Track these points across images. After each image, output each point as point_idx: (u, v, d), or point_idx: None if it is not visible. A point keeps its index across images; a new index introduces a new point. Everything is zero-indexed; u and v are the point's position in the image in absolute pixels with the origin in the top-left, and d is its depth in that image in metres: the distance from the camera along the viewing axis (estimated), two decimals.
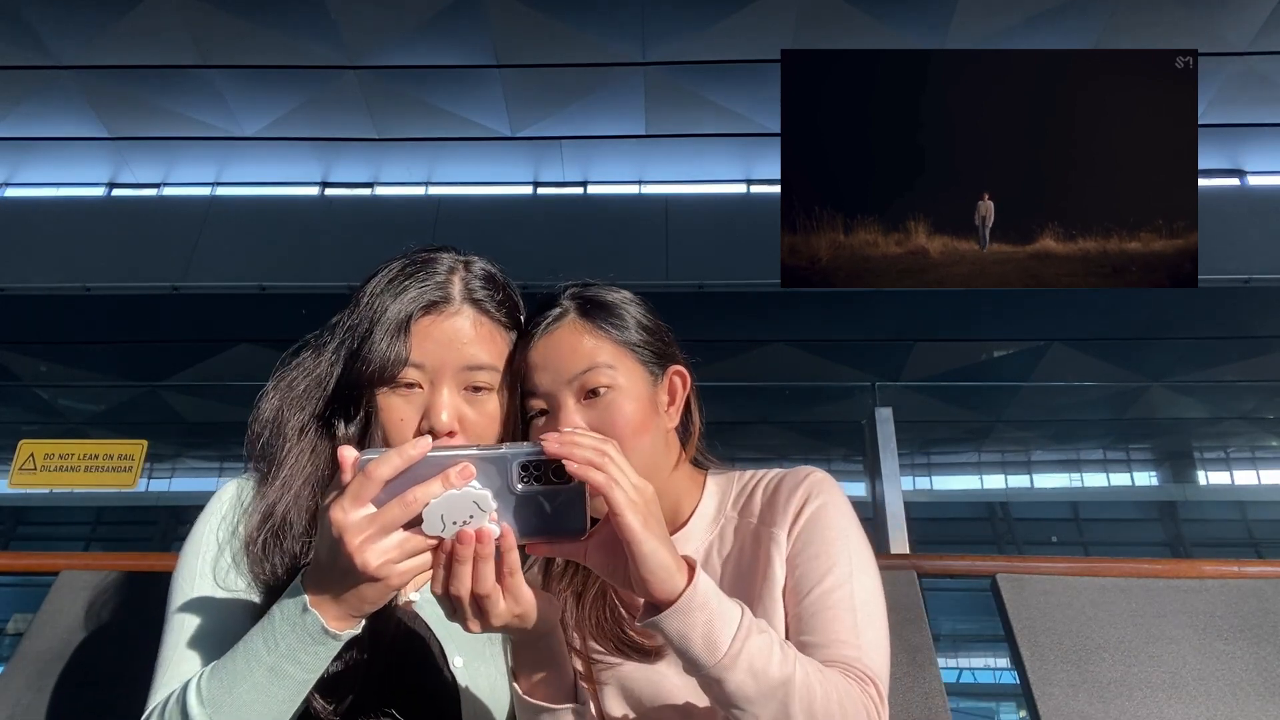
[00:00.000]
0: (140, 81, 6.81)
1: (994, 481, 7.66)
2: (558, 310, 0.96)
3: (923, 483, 7.12)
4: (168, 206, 8.10)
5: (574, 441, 0.68)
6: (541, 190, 8.32)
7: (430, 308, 0.92)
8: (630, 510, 0.68)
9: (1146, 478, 7.98)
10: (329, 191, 8.32)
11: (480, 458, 0.67)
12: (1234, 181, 7.98)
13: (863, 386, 6.02)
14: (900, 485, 3.44)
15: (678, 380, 0.99)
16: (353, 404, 0.92)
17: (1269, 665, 1.28)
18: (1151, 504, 7.44)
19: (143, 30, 6.26)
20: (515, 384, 0.94)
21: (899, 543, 3.24)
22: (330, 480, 0.90)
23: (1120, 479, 7.67)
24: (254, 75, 6.76)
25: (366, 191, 8.35)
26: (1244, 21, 6.11)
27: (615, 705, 0.94)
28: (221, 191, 8.28)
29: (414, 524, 0.66)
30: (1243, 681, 1.27)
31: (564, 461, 0.67)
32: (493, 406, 0.93)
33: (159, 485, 6.83)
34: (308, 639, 0.70)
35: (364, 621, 0.72)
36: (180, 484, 7.14)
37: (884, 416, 3.66)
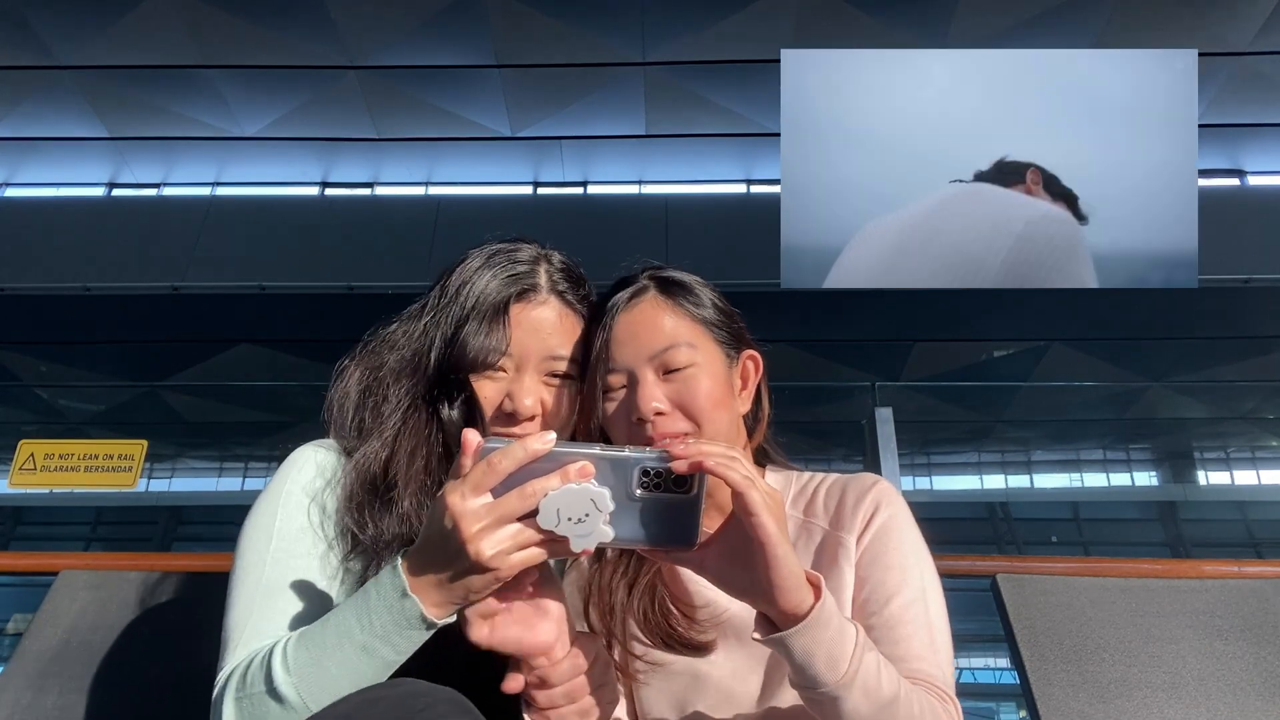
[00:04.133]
0: (140, 81, 6.81)
1: (994, 481, 7.67)
2: (638, 286, 0.98)
3: (923, 483, 7.12)
4: (168, 206, 8.10)
5: (703, 451, 0.67)
6: (541, 190, 8.32)
7: (520, 295, 0.96)
8: (766, 512, 0.67)
9: (1146, 478, 7.99)
10: (329, 191, 8.33)
11: (602, 458, 0.67)
12: (1234, 181, 7.98)
13: (863, 386, 6.02)
14: (900, 485, 3.44)
15: (750, 364, 1.01)
16: (455, 386, 0.95)
17: (1269, 665, 1.28)
18: (1151, 504, 7.45)
19: (143, 30, 6.26)
20: (595, 360, 0.94)
21: None
22: (438, 455, 0.94)
23: (1120, 479, 7.68)
24: (254, 75, 6.76)
25: (366, 191, 8.36)
26: (1244, 21, 6.11)
27: (655, 699, 0.93)
28: (221, 191, 8.28)
29: (528, 516, 0.66)
30: (1243, 681, 1.27)
31: (701, 468, 0.67)
32: (571, 394, 0.97)
33: (159, 485, 6.84)
34: (404, 623, 0.70)
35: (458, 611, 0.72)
36: (180, 484, 7.15)
37: (884, 416, 3.66)
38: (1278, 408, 6.98)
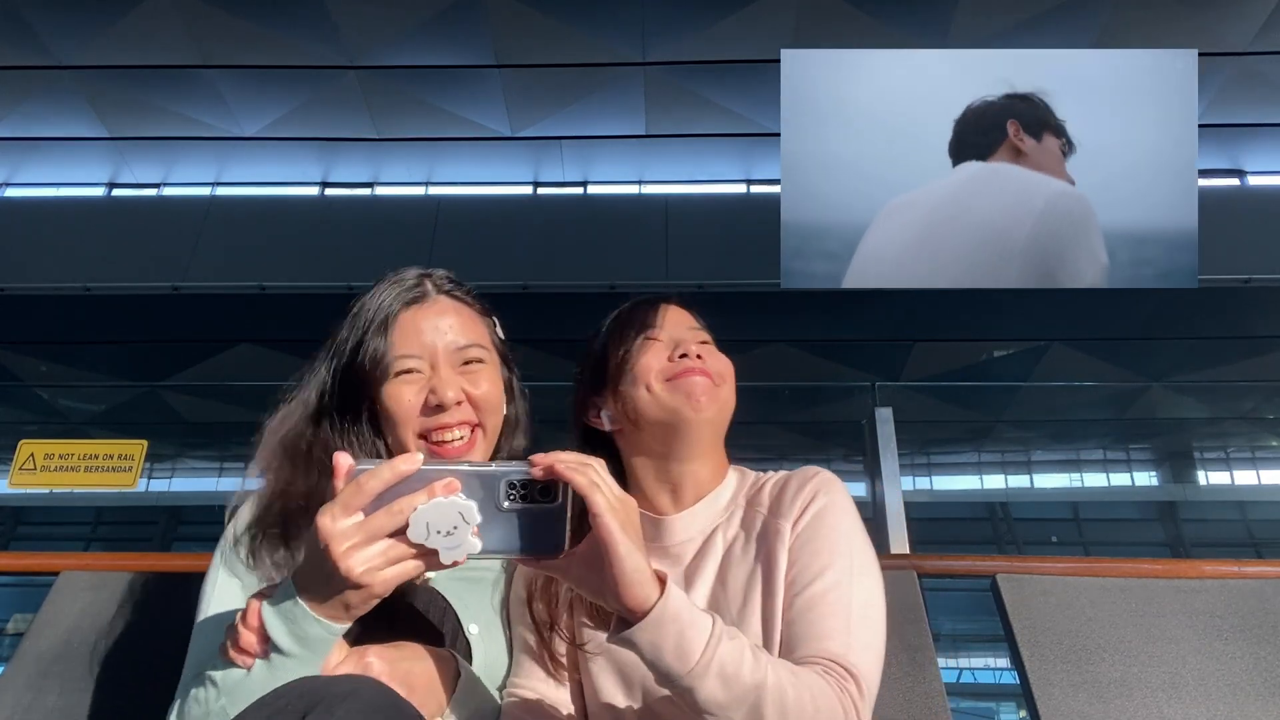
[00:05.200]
0: (140, 81, 6.81)
1: (994, 481, 7.66)
2: (678, 298, 1.14)
3: (923, 483, 7.11)
4: (168, 206, 8.10)
5: (559, 457, 0.72)
6: (541, 190, 8.32)
7: (411, 303, 1.04)
8: (610, 513, 0.71)
9: (1146, 478, 7.97)
10: (329, 191, 8.32)
11: (469, 474, 0.70)
12: (1234, 181, 7.98)
13: (863, 386, 6.01)
14: (900, 485, 3.43)
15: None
16: (349, 411, 1.02)
17: (1269, 665, 1.28)
18: (1151, 504, 7.44)
19: (143, 30, 6.26)
20: (637, 328, 1.07)
21: (899, 543, 3.23)
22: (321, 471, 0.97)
23: (1120, 479, 7.67)
24: (254, 75, 6.76)
25: (366, 191, 8.36)
26: (1244, 21, 6.11)
27: (606, 682, 0.96)
28: (221, 191, 8.28)
29: (400, 533, 0.69)
30: (1243, 681, 1.27)
31: (553, 472, 0.70)
32: (489, 378, 1.05)
33: (159, 485, 6.82)
34: (298, 628, 0.73)
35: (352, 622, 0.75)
36: (180, 484, 7.14)
37: (884, 416, 3.65)
38: (1278, 408, 6.97)
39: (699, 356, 1.03)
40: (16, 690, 1.30)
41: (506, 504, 0.70)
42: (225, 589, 0.96)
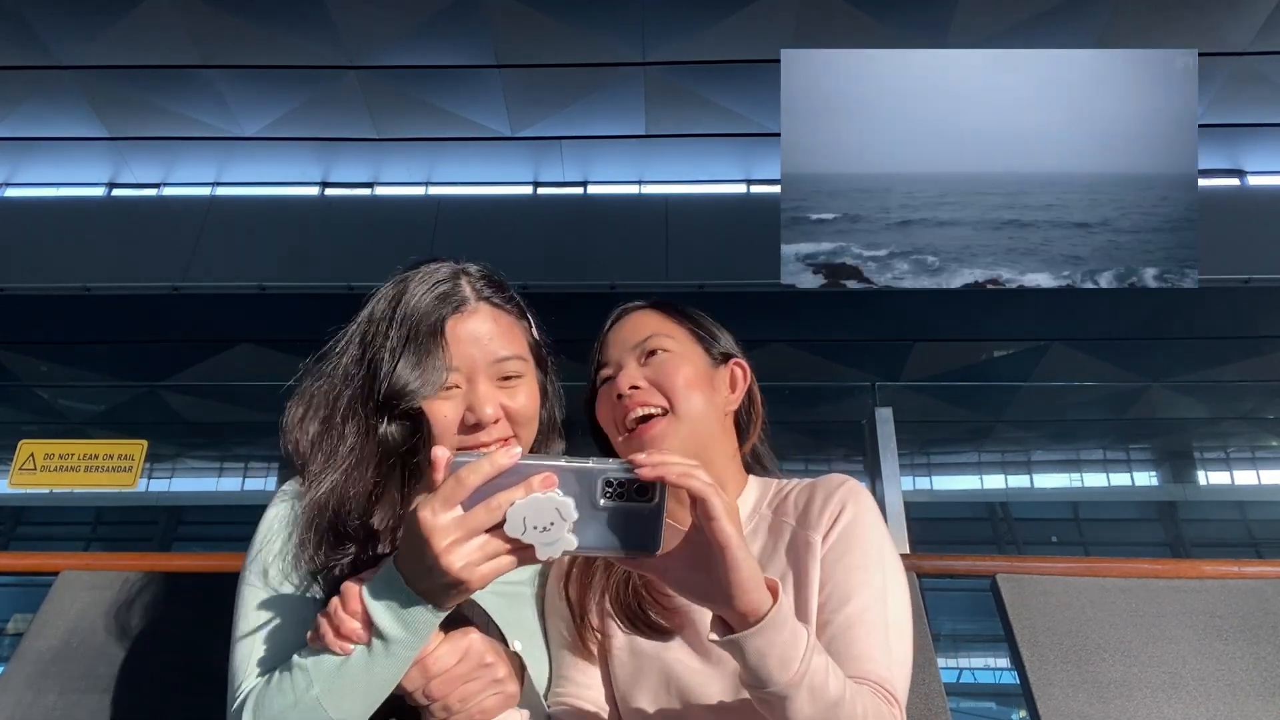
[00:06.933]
0: (140, 81, 6.81)
1: (994, 481, 7.66)
2: (636, 303, 1.11)
3: (923, 483, 7.11)
4: (168, 206, 8.09)
5: (666, 462, 0.69)
6: (541, 190, 8.32)
7: (452, 311, 0.98)
8: (727, 517, 0.70)
9: (1146, 478, 7.98)
10: (329, 191, 8.32)
11: (566, 469, 0.70)
12: (1234, 181, 7.98)
13: (863, 386, 6.02)
14: (900, 485, 3.44)
15: (739, 371, 1.09)
16: (391, 410, 0.96)
17: (1269, 665, 1.28)
18: (1151, 504, 7.44)
19: (143, 30, 6.26)
20: (591, 366, 1.07)
21: (899, 543, 3.23)
22: (374, 475, 0.96)
23: (1120, 479, 7.67)
24: (254, 75, 6.76)
25: (366, 191, 8.35)
26: (1244, 21, 6.11)
27: (635, 690, 0.95)
28: (221, 191, 8.27)
29: (497, 528, 0.69)
30: (1243, 681, 1.27)
31: (662, 478, 0.69)
32: (527, 391, 1.00)
33: (159, 485, 6.83)
34: (405, 614, 0.74)
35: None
36: (180, 484, 7.15)
37: (884, 416, 3.65)
38: (1278, 408, 6.97)
39: (635, 388, 0.99)
40: (16, 690, 1.30)
41: (602, 501, 0.69)
42: (276, 586, 0.93)
